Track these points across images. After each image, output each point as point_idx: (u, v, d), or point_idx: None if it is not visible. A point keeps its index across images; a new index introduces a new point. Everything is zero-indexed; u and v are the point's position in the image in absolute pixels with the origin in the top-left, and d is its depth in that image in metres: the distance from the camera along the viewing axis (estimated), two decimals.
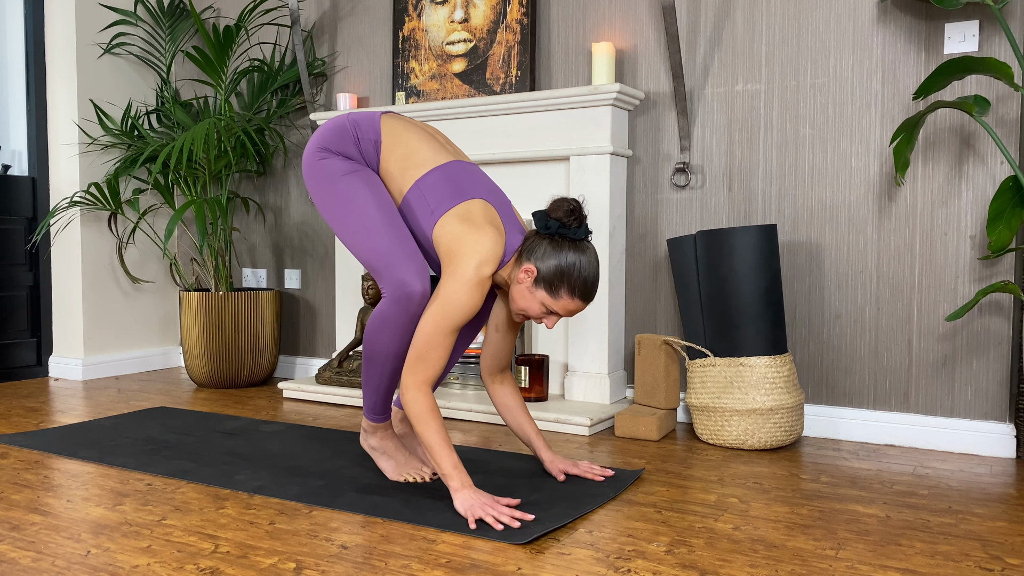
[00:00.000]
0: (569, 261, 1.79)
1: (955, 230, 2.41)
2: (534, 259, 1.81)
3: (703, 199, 2.77)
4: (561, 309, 1.82)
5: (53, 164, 3.68)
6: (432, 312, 1.77)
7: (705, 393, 2.45)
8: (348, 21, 3.51)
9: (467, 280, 1.75)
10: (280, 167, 3.74)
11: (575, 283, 1.79)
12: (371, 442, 2.07)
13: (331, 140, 1.93)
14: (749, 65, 2.68)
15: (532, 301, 1.83)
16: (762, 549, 1.60)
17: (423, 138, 1.95)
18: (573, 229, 1.81)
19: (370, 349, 1.91)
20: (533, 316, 1.86)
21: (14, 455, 2.29)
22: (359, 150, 1.93)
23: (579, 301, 1.82)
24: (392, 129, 1.95)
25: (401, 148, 1.92)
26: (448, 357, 1.81)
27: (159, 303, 3.98)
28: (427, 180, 1.88)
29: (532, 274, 1.80)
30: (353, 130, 1.94)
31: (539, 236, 1.83)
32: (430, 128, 2.03)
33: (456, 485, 1.75)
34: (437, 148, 1.94)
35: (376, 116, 1.97)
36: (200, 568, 1.49)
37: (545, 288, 1.80)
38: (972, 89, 2.37)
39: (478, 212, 1.84)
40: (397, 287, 1.83)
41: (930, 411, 2.45)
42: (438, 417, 1.77)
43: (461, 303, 1.76)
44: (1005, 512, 1.84)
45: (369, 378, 1.95)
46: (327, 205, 1.92)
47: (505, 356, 2.07)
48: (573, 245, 1.81)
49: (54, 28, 3.64)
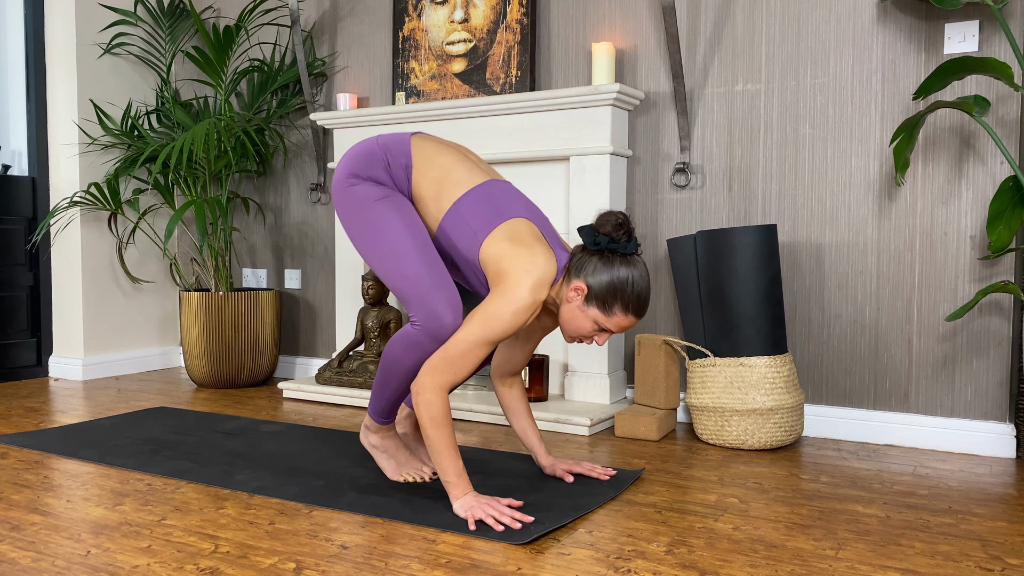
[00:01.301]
0: (622, 277, 1.74)
1: (955, 230, 2.41)
2: (584, 276, 1.75)
3: (703, 199, 2.77)
4: (614, 326, 1.78)
5: (53, 164, 3.68)
6: (474, 323, 1.72)
7: (705, 393, 2.45)
8: (348, 21, 3.51)
9: (520, 300, 1.70)
10: (280, 167, 3.74)
11: (629, 299, 1.75)
12: (372, 440, 2.06)
13: (360, 166, 1.88)
14: (749, 65, 2.68)
15: (584, 320, 1.78)
16: (762, 549, 1.60)
17: (456, 159, 1.89)
18: (623, 244, 1.76)
19: (389, 365, 1.88)
20: (584, 335, 1.81)
21: (14, 455, 2.29)
22: (390, 175, 1.88)
23: (632, 317, 1.77)
24: (423, 151, 1.89)
25: (434, 171, 1.87)
26: (475, 369, 1.77)
27: (159, 303, 3.98)
28: (465, 201, 1.83)
29: (583, 292, 1.75)
30: (383, 154, 1.88)
31: (587, 252, 1.78)
32: (462, 148, 1.98)
33: (458, 493, 1.74)
34: (471, 168, 1.89)
35: (406, 138, 1.92)
36: (200, 568, 1.49)
37: (598, 305, 1.75)
38: (972, 89, 2.37)
39: (524, 231, 1.79)
40: (429, 318, 1.79)
41: (930, 411, 2.45)
42: (451, 423, 1.74)
43: (506, 320, 1.71)
44: (1005, 512, 1.84)
45: (382, 387, 1.93)
46: (358, 232, 1.87)
47: (519, 363, 2.05)
48: (624, 260, 1.76)
49: (54, 28, 3.64)
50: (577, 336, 1.82)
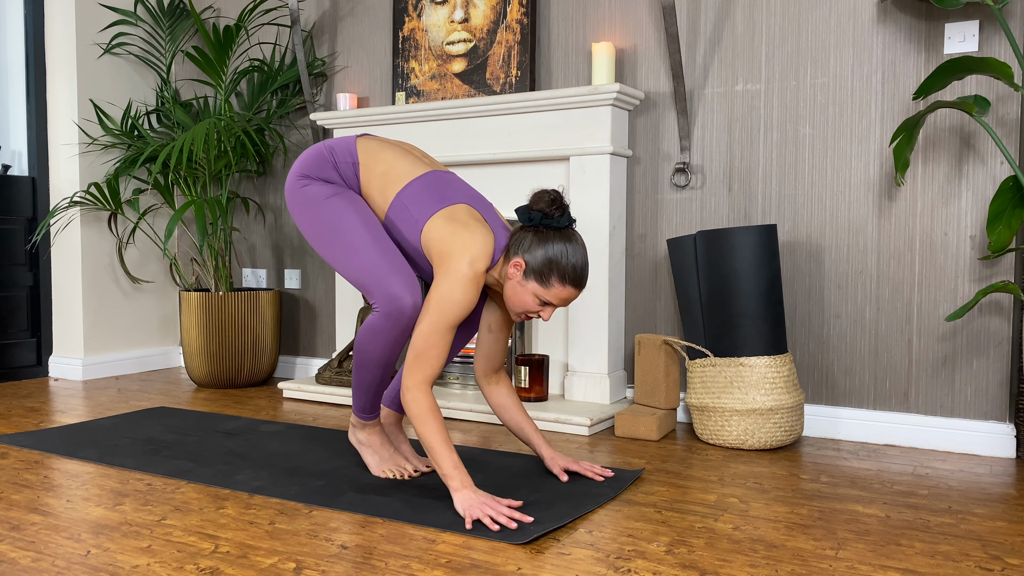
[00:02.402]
0: (556, 250, 1.81)
1: (955, 230, 2.41)
2: (521, 252, 1.83)
3: (703, 199, 2.77)
4: (554, 298, 1.84)
5: (53, 164, 3.68)
6: (429, 312, 1.79)
7: (705, 393, 2.45)
8: (348, 21, 3.51)
9: (461, 276, 1.78)
10: (280, 167, 3.74)
11: (565, 270, 1.81)
12: (359, 436, 2.12)
13: (311, 167, 1.98)
14: (749, 65, 2.68)
15: (525, 294, 1.84)
16: (762, 549, 1.60)
17: (399, 154, 1.99)
18: (556, 218, 1.83)
19: (361, 358, 1.95)
20: (529, 311, 1.87)
21: (14, 455, 2.29)
22: (339, 174, 1.98)
23: (571, 288, 1.84)
24: (368, 149, 1.99)
25: (380, 166, 1.96)
26: (446, 355, 1.83)
27: (159, 303, 3.98)
28: (407, 192, 1.92)
29: (521, 267, 1.83)
30: (330, 155, 1.98)
31: (524, 230, 1.86)
32: (405, 144, 2.07)
33: (456, 485, 1.75)
34: (413, 161, 1.98)
35: (351, 139, 2.02)
36: (200, 568, 1.49)
37: (536, 279, 1.82)
38: (972, 89, 2.37)
39: (462, 213, 1.88)
40: (388, 301, 1.86)
41: (930, 411, 2.45)
42: (438, 417, 1.78)
43: (456, 299, 1.78)
44: (1005, 512, 1.84)
45: (360, 382, 2.00)
46: (313, 230, 1.95)
47: (498, 357, 2.09)
48: (559, 234, 1.83)
49: (54, 28, 3.64)
50: (523, 312, 1.88)
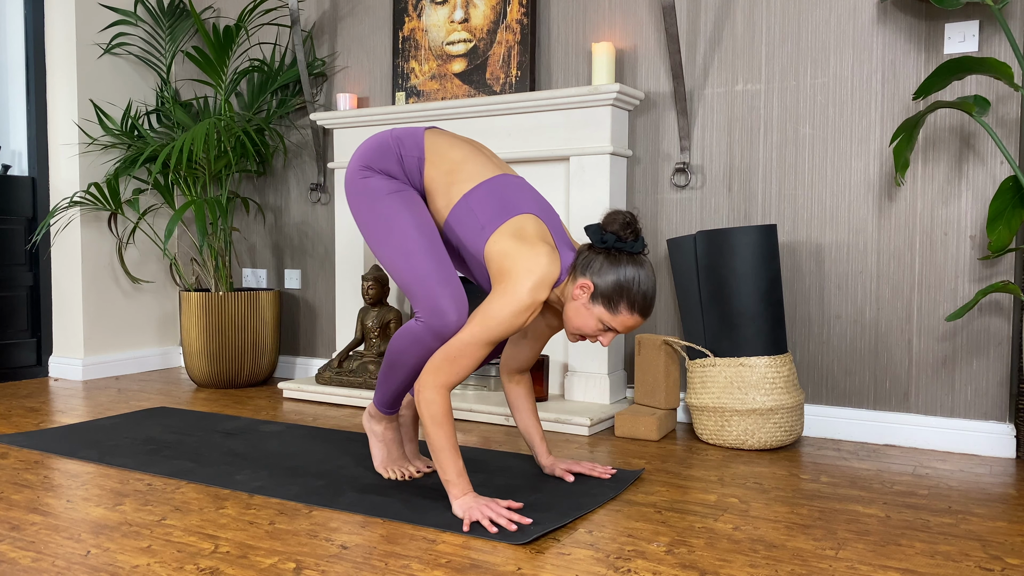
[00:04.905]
0: (628, 275, 1.73)
1: (955, 230, 2.41)
2: (590, 274, 1.75)
3: (703, 199, 2.77)
4: (619, 325, 1.77)
5: (53, 164, 3.68)
6: (474, 323, 1.72)
7: (705, 393, 2.45)
8: (348, 21, 3.51)
9: (519, 301, 1.70)
10: (280, 167, 3.74)
11: (635, 298, 1.74)
12: (373, 427, 2.08)
13: (374, 158, 1.89)
14: (749, 65, 2.68)
15: (589, 318, 1.77)
16: (762, 549, 1.60)
17: (469, 153, 1.90)
18: (630, 243, 1.76)
19: (393, 359, 1.90)
20: (589, 334, 1.80)
21: (14, 455, 2.29)
22: (402, 168, 1.89)
23: (638, 316, 1.77)
24: (436, 145, 1.91)
25: (446, 164, 1.88)
26: (475, 369, 1.77)
27: (159, 303, 3.98)
28: (475, 195, 1.83)
29: (589, 290, 1.75)
30: (396, 147, 1.90)
31: (594, 250, 1.77)
32: (476, 143, 1.98)
33: (456, 492, 1.74)
34: (484, 162, 1.89)
35: (420, 132, 1.93)
36: (200, 568, 1.49)
37: (603, 304, 1.75)
38: (972, 89, 2.37)
39: (530, 228, 1.78)
40: (432, 314, 1.80)
41: (930, 411, 2.45)
42: (451, 422, 1.75)
43: (506, 320, 1.71)
44: (1005, 512, 1.84)
45: (387, 380, 1.96)
46: (369, 225, 1.88)
47: (527, 360, 2.06)
48: (631, 259, 1.76)
49: (54, 28, 3.64)
50: (580, 334, 1.82)
